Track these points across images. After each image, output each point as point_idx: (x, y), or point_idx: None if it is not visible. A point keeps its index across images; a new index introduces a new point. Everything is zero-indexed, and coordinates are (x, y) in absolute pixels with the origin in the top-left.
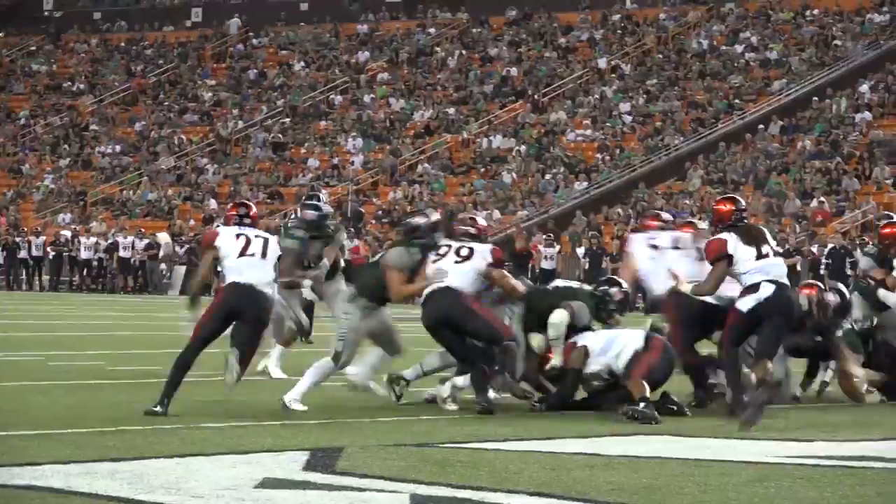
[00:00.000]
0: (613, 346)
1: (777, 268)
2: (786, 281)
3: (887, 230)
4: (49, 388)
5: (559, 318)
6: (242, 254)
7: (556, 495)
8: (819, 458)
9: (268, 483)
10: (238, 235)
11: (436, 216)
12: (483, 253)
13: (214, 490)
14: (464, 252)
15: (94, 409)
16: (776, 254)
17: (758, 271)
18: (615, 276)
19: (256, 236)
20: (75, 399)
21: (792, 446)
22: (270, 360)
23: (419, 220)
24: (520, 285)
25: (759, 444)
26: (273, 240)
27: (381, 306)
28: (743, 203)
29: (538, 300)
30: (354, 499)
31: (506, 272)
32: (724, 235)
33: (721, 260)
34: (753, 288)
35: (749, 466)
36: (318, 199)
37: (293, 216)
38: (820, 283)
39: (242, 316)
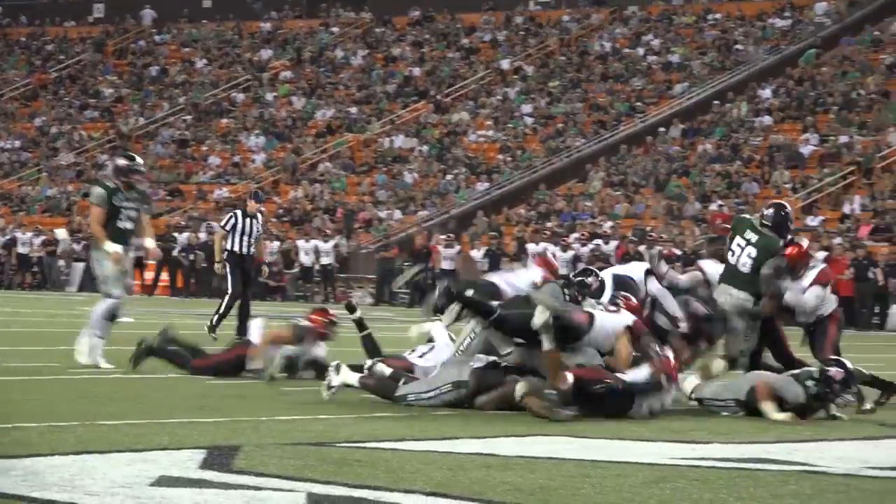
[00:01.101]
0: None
1: None
2: None
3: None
4: None
5: (539, 318)
6: None
7: (453, 495)
8: (715, 460)
9: (163, 481)
10: None
11: None
12: None
13: (110, 488)
14: None
15: None
16: None
17: None
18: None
19: None
20: None
21: (688, 448)
22: (93, 351)
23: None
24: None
25: (656, 445)
26: None
27: None
28: None
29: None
30: (251, 498)
31: None
32: None
33: None
34: None
35: (645, 468)
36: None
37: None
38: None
39: None
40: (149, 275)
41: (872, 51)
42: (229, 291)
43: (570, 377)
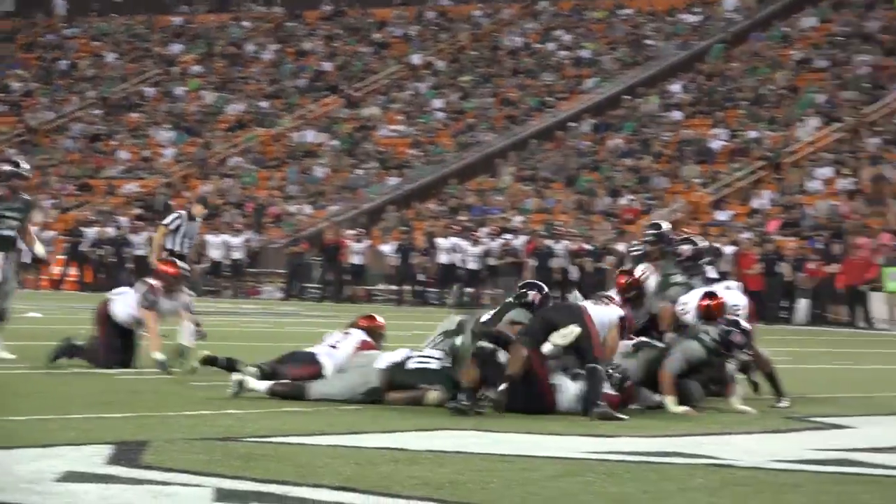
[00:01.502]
0: None
1: None
2: None
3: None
4: None
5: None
6: None
7: (361, 490)
8: (622, 454)
9: (70, 477)
10: None
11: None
12: None
13: (16, 483)
14: None
15: None
16: None
17: None
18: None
19: None
20: None
21: (596, 442)
22: None
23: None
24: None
25: (564, 439)
26: None
27: None
28: None
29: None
30: (158, 493)
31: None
32: None
33: None
34: None
35: (553, 461)
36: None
37: None
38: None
39: None
40: (57, 269)
41: (781, 46)
42: None
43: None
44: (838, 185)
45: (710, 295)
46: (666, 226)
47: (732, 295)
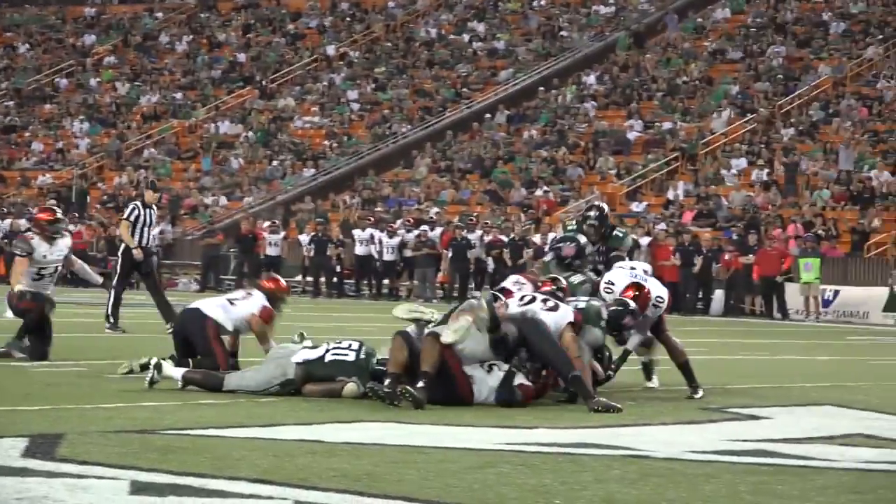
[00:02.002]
0: None
1: None
2: None
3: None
4: None
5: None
6: None
7: (278, 482)
8: (540, 445)
9: None
10: None
11: None
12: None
13: None
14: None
15: None
16: None
17: None
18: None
19: None
20: None
21: (513, 433)
22: None
23: None
24: None
25: (481, 431)
26: None
27: None
28: None
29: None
30: (73, 486)
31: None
32: None
33: None
34: None
35: (470, 453)
36: None
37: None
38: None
39: None
40: None
41: (696, 38)
42: (116, 281)
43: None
44: (753, 177)
45: (638, 286)
46: (606, 207)
47: (656, 286)
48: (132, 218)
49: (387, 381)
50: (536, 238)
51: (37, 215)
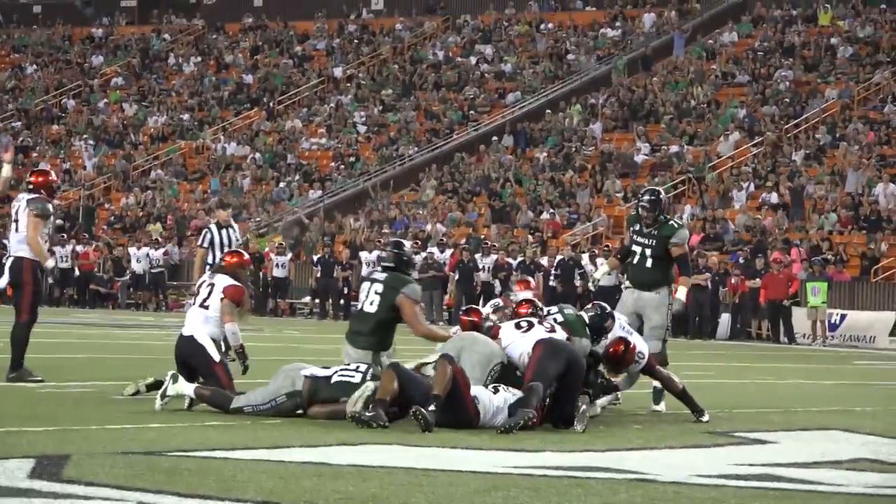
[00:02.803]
0: None
1: None
2: None
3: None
4: None
5: None
6: None
7: None
8: (547, 469)
9: None
10: None
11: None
12: None
13: None
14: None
15: None
16: None
17: None
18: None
19: None
20: None
21: (520, 456)
22: None
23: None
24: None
25: (488, 454)
26: None
27: None
28: None
29: None
30: None
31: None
32: None
33: None
34: None
35: (477, 476)
36: None
37: None
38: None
39: None
40: None
41: (703, 61)
42: None
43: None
44: (760, 200)
45: (625, 342)
46: (663, 193)
47: (639, 341)
48: (206, 244)
49: (370, 406)
50: (543, 260)
51: (38, 178)
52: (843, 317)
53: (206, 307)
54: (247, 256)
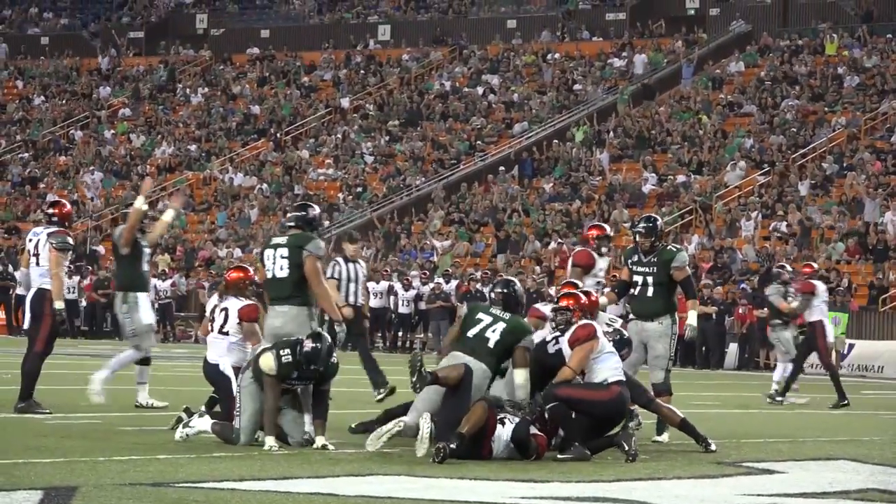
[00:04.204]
0: None
1: None
2: None
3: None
4: None
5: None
6: None
7: None
8: (554, 499)
9: None
10: None
11: None
12: None
13: None
14: None
15: None
16: None
17: None
18: None
19: None
20: None
21: (527, 487)
22: None
23: None
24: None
25: (495, 484)
26: None
27: None
28: None
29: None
30: None
31: None
32: None
33: None
34: None
35: None
36: None
37: None
38: None
39: None
40: None
41: (710, 90)
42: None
43: None
44: (770, 229)
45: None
46: (660, 221)
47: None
48: (336, 275)
49: (455, 443)
50: (552, 290)
51: (57, 210)
52: (851, 346)
53: (226, 333)
54: (251, 272)
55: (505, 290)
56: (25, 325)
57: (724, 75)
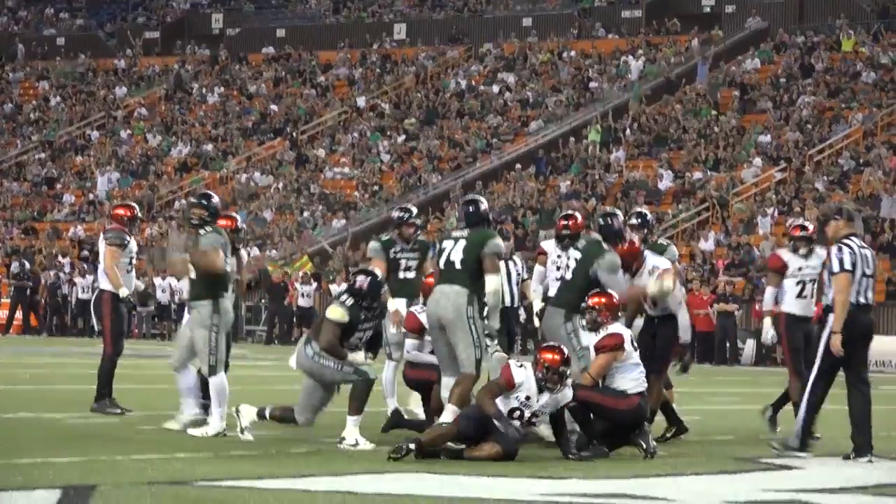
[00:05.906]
0: None
1: None
2: None
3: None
4: None
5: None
6: None
7: None
8: (573, 496)
9: None
10: None
11: None
12: None
13: None
14: None
15: None
16: None
17: None
18: None
19: None
20: None
21: (546, 484)
22: None
23: None
24: None
25: (513, 481)
26: None
27: None
28: None
29: None
30: None
31: None
32: None
33: None
34: None
35: None
36: None
37: None
38: None
39: None
40: (3, 313)
41: (727, 87)
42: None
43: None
44: (784, 226)
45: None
46: (650, 215)
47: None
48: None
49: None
50: None
51: (123, 211)
52: None
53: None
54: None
55: (467, 208)
56: (97, 328)
57: (740, 72)
